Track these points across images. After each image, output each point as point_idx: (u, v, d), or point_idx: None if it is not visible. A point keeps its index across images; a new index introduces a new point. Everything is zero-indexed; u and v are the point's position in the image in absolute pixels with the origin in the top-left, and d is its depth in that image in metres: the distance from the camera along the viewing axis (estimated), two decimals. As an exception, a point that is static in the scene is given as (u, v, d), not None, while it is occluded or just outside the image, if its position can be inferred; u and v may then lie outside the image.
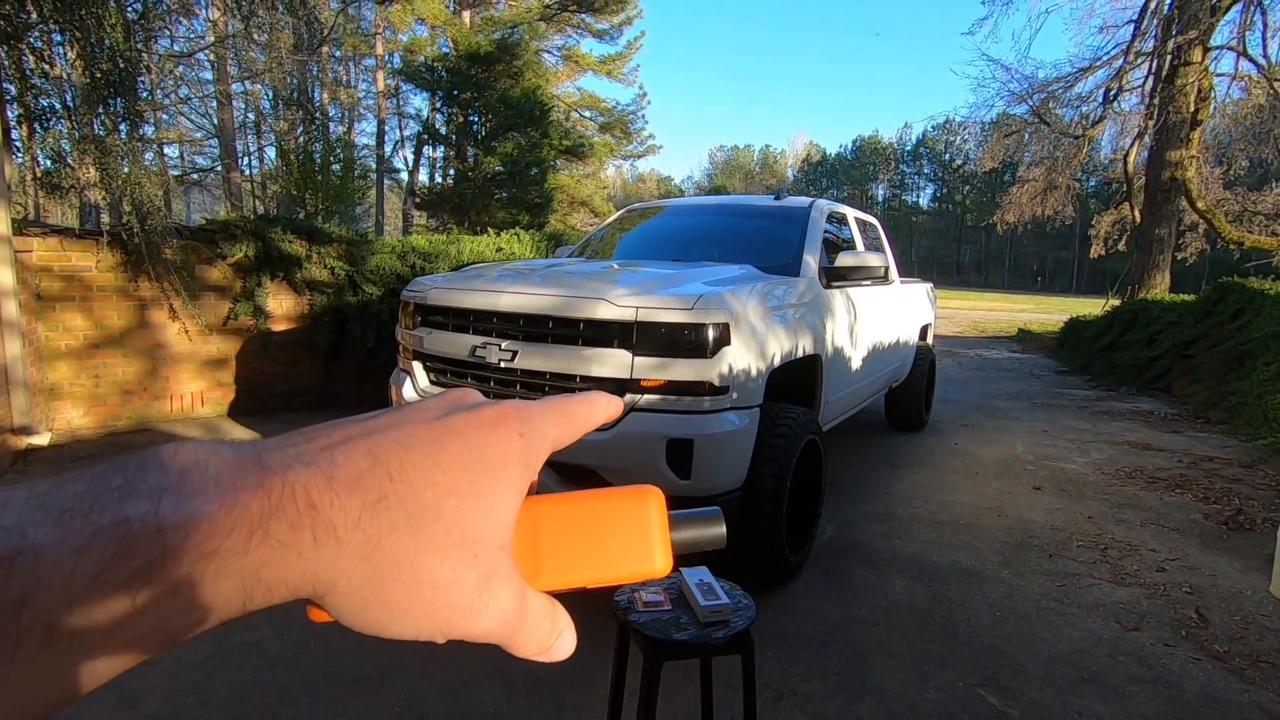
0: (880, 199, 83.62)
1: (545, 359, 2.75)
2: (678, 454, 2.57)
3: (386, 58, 30.81)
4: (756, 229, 4.18)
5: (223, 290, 5.58)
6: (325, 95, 32.05)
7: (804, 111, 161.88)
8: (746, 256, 3.71)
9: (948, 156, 71.98)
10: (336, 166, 7.44)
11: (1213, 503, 4.38)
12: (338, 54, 33.23)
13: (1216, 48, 11.95)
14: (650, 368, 2.60)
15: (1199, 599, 3.09)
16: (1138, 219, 13.11)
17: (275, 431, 2.42)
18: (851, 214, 4.70)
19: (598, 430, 1.78)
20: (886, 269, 4.99)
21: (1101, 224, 17.06)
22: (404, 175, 30.81)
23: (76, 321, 5.03)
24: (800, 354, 3.18)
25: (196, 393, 5.55)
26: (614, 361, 2.63)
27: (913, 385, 5.80)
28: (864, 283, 4.27)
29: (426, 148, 27.37)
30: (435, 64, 23.87)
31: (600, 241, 4.53)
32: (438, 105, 24.27)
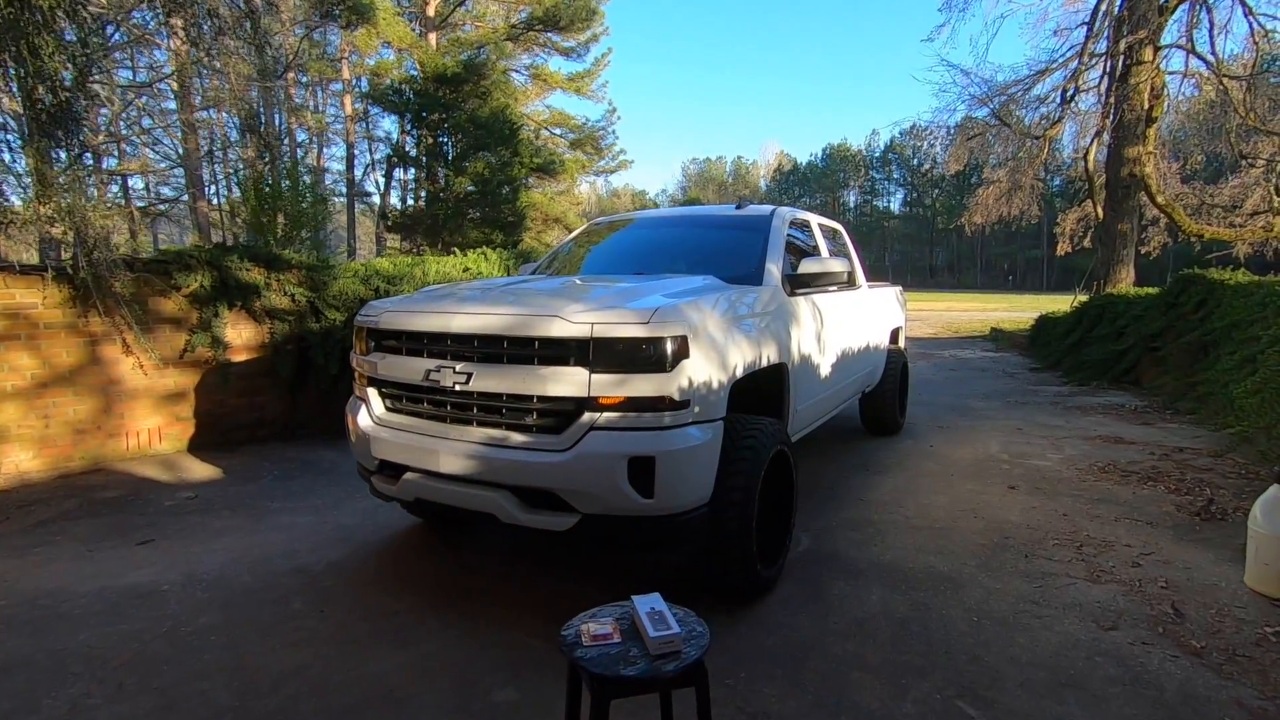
0: (852, 205, 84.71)
1: (501, 380, 2.67)
2: (639, 472, 2.50)
3: (354, 82, 30.69)
4: (719, 239, 4.15)
5: (178, 322, 5.42)
6: (291, 121, 31.80)
7: (774, 121, 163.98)
8: (709, 267, 3.66)
9: (916, 162, 73.10)
10: (294, 188, 7.30)
11: (1185, 494, 4.38)
12: (304, 79, 33.04)
13: (1167, 46, 12.25)
14: (608, 385, 2.52)
15: (1174, 593, 3.06)
16: (1100, 215, 13.35)
17: (238, 465, 2.32)
18: (815, 220, 4.69)
19: (555, 451, 1.67)
20: (851, 274, 4.99)
21: (1066, 221, 17.36)
22: (376, 199, 30.61)
23: (23, 360, 4.85)
24: (765, 364, 3.13)
25: (154, 429, 5.37)
26: (571, 380, 2.55)
27: (885, 389, 5.79)
28: (830, 289, 4.24)
29: (398, 170, 27.21)
30: (402, 86, 23.81)
31: (563, 257, 4.47)
32: (407, 128, 24.18)
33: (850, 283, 5.13)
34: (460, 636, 2.72)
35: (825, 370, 4.07)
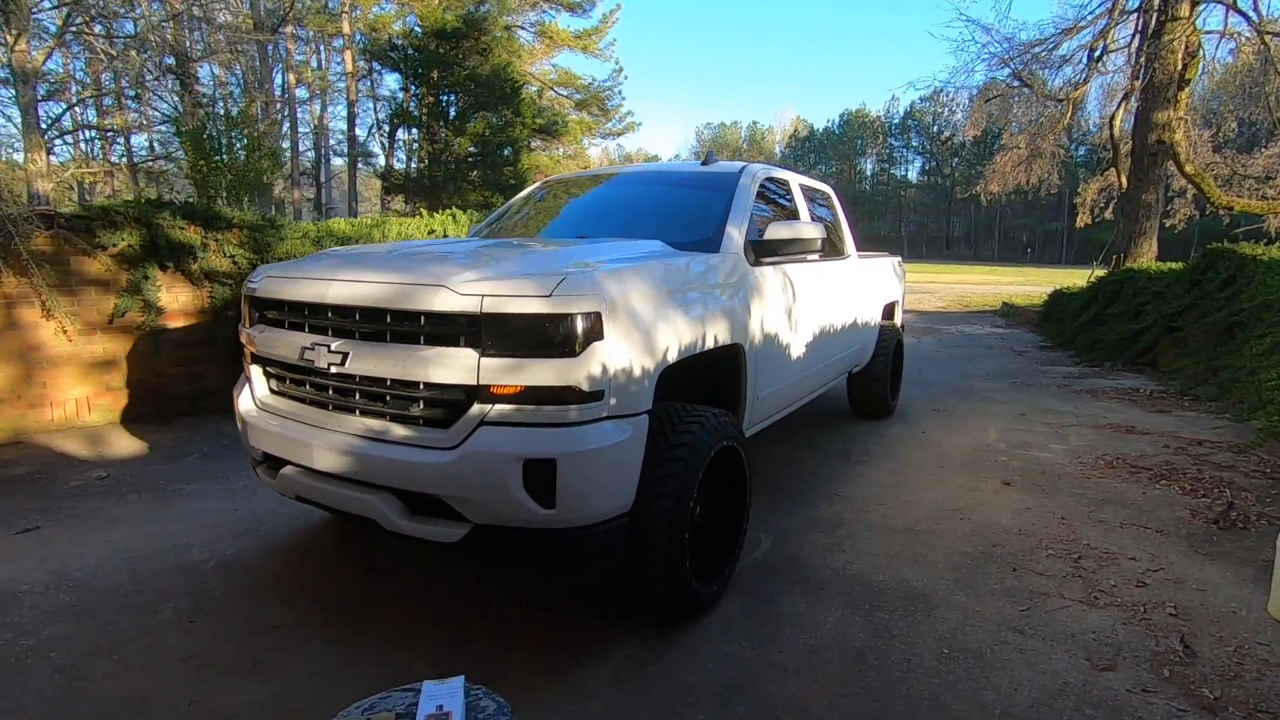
0: (869, 173, 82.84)
1: (380, 362, 2.23)
2: (538, 477, 2.06)
3: (355, 37, 29.81)
4: (678, 199, 3.65)
5: (106, 285, 5.00)
6: (292, 77, 31.04)
7: (791, 87, 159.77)
8: (661, 231, 3.18)
9: (935, 129, 71.11)
10: (234, 140, 6.81)
11: (1201, 496, 3.91)
12: (304, 34, 32.18)
13: (1205, 1, 11.35)
14: (502, 371, 2.07)
15: (1185, 623, 2.61)
16: (1124, 185, 12.58)
17: (169, 440, 1.62)
18: (795, 180, 4.16)
19: (440, 449, 1.11)
20: (835, 242, 4.48)
21: (1087, 191, 16.52)
22: (382, 159, 29.98)
23: (-66, 324, 4.46)
24: (711, 344, 2.66)
25: (82, 399, 4.99)
26: (457, 363, 2.10)
27: (876, 369, 5.30)
28: (807, 258, 3.74)
29: (402, 131, 26.52)
30: (401, 42, 23.03)
31: (507, 218, 3.98)
32: (409, 86, 23.49)
33: (836, 251, 4.62)
34: (339, 664, 2.32)
35: (798, 350, 3.60)
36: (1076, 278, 13.47)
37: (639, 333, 2.24)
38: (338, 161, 37.20)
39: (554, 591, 2.75)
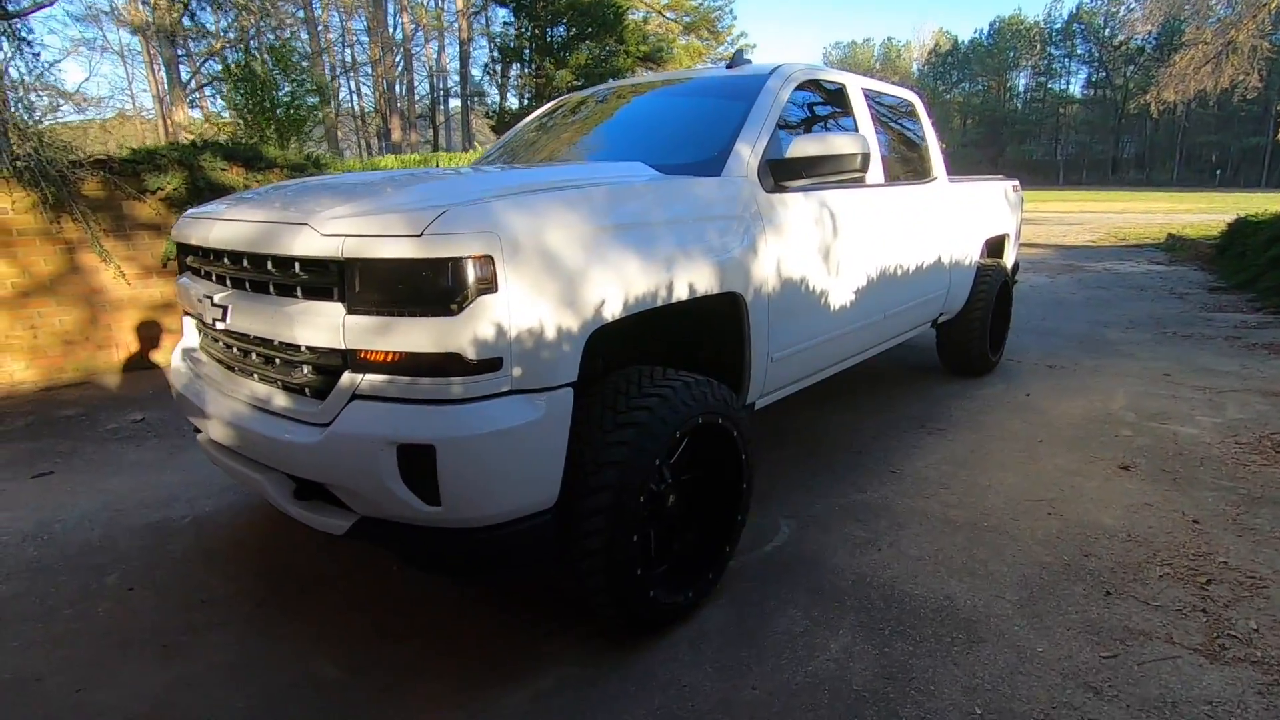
0: (1021, 89, 73.91)
1: (253, 317, 1.86)
2: (416, 467, 1.63)
3: (462, -30, 29.66)
4: (687, 112, 2.98)
5: (158, 229, 5.06)
6: (406, 19, 31.58)
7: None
8: (656, 151, 2.58)
9: (1107, 30, 61.60)
10: (280, 76, 6.68)
11: None
12: (415, -29, 32.45)
13: None
14: (370, 332, 1.63)
15: (1361, 700, 1.81)
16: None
17: None
18: (856, 83, 3.32)
19: (314, 425, 1.15)
20: (904, 162, 3.63)
21: (1298, 95, 13.41)
22: (496, 98, 30.09)
23: (1, 269, 4.69)
24: (685, 294, 2.07)
25: (144, 341, 5.16)
26: (323, 322, 1.68)
27: (970, 318, 4.41)
28: (864, 181, 2.97)
29: (516, 67, 26.37)
30: (507, -28, 22.54)
31: (510, 143, 3.48)
32: (517, 20, 23.15)
33: (916, 174, 3.76)
34: (244, 658, 2.07)
35: (841, 298, 2.90)
36: (1275, 203, 11.08)
37: (557, 282, 1.71)
38: (455, 103, 37.89)
39: (520, 582, 2.37)
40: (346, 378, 1.69)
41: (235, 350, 2.02)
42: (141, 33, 20.33)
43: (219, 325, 1.97)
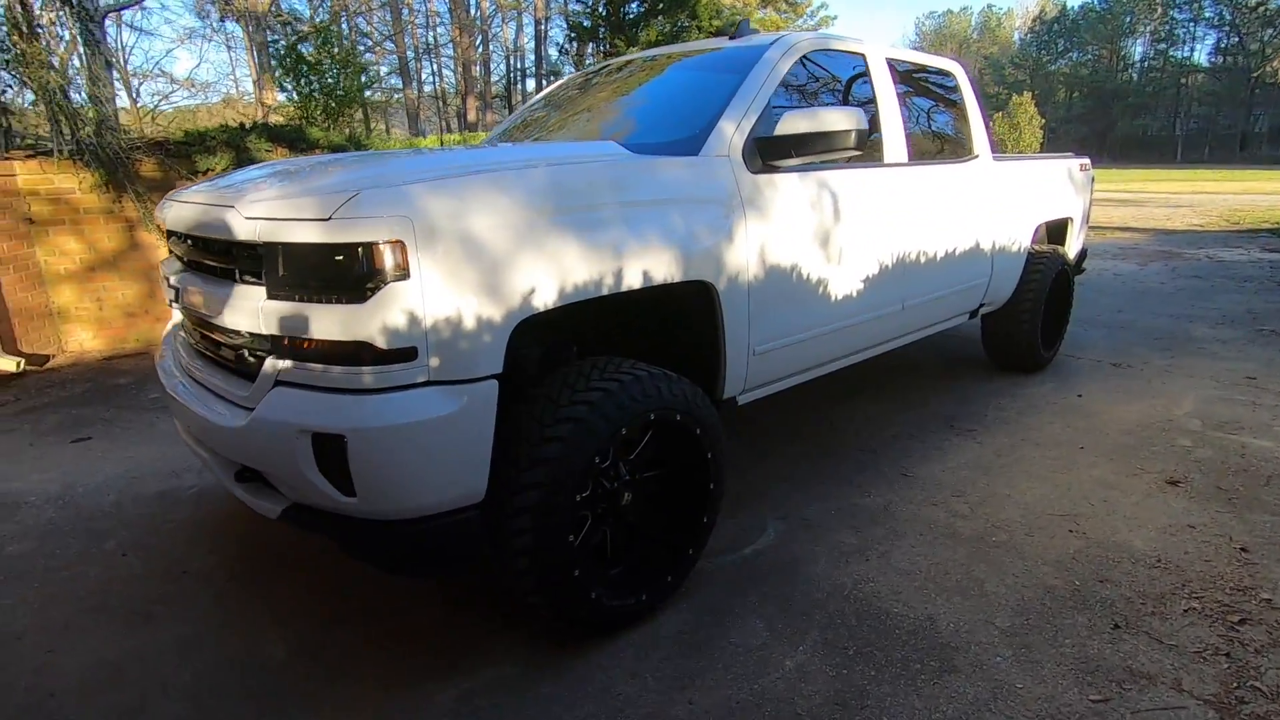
0: (1137, 58, 67.93)
1: (195, 297, 1.87)
2: (330, 457, 1.60)
3: (540, -51, 29.73)
4: (682, 87, 2.80)
5: (209, 207, 5.30)
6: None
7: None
8: (637, 130, 2.46)
9: (1242, -10, 55.54)
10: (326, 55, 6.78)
11: None
12: (491, -50, 32.76)
13: None
14: (286, 318, 1.60)
15: (1403, 779, 1.53)
16: None
17: None
18: (877, 54, 3.04)
19: (241, 406, 1.19)
20: (939, 138, 3.34)
21: None
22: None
23: (70, 245, 5.03)
24: (639, 282, 1.95)
25: (198, 315, 5.45)
26: (246, 306, 1.67)
27: (1019, 310, 4.05)
28: (847, 162, 2.72)
29: (591, 45, 26.39)
30: (577, -52, 22.43)
31: (517, 123, 3.40)
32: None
33: (954, 151, 3.46)
34: (205, 632, 2.13)
35: (843, 288, 2.69)
36: None
37: (479, 268, 1.63)
38: (531, 84, 38.23)
39: (485, 573, 2.33)
40: (270, 363, 1.67)
41: (192, 331, 2.05)
42: (240, 19, 21.49)
43: (174, 305, 2.00)
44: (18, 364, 4.44)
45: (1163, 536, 2.50)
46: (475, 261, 1.62)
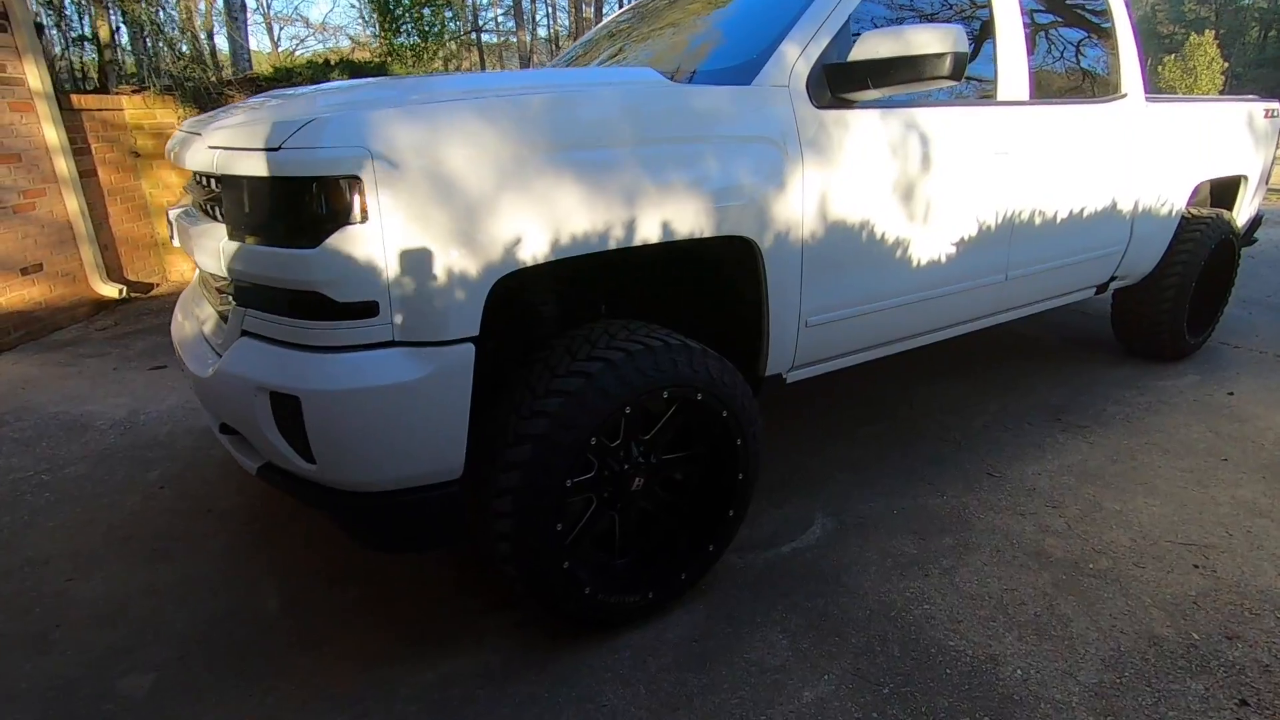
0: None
1: (184, 237, 1.75)
2: (287, 418, 1.44)
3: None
4: (742, 9, 2.38)
5: (296, 145, 5.38)
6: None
7: None
8: (696, 54, 2.10)
9: None
10: None
11: None
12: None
13: None
14: (241, 261, 1.44)
15: None
16: None
17: None
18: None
19: (216, 355, 1.05)
20: (1080, 73, 2.76)
21: None
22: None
23: (173, 178, 5.25)
24: (658, 236, 1.64)
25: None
26: (210, 245, 1.52)
27: (1162, 286, 3.39)
28: (981, 99, 2.25)
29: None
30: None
31: (586, 44, 3.08)
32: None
33: (1094, 89, 2.84)
34: (211, 574, 2.11)
35: (925, 252, 2.25)
36: None
37: (453, 212, 1.38)
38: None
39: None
40: (235, 311, 1.52)
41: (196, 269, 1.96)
42: (362, -39, 22.04)
43: (174, 241, 1.91)
44: (120, 290, 4.71)
45: (1323, 586, 1.97)
46: (449, 205, 1.38)
